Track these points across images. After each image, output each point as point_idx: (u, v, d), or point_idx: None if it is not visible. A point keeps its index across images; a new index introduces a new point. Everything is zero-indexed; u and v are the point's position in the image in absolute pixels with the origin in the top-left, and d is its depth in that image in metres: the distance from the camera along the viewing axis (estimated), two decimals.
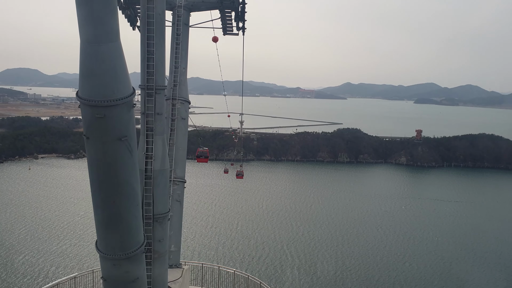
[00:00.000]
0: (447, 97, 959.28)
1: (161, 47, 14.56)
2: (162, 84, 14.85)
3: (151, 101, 14.54)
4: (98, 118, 9.15)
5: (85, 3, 8.45)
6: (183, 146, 20.36)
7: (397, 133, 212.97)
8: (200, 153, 35.84)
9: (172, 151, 19.06)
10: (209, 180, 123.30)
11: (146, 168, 14.79)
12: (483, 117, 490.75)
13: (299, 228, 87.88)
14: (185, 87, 20.62)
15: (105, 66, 8.95)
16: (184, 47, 20.32)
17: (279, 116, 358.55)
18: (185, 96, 20.27)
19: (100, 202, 10.41)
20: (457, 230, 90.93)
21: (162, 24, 14.70)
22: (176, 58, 19.66)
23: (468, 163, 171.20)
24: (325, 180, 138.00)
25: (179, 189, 20.23)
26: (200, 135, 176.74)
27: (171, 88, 19.59)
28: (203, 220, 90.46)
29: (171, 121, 19.37)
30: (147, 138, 14.78)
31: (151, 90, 14.47)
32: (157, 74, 14.48)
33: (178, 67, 19.74)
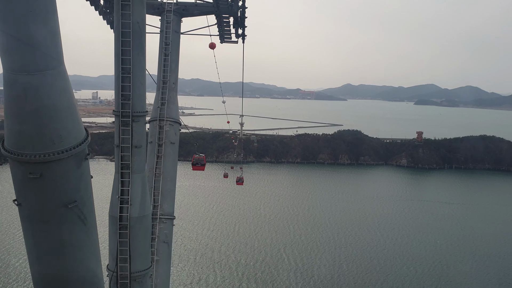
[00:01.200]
0: (447, 98, 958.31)
1: (139, 64, 12.02)
2: (142, 109, 12.24)
3: (127, 131, 11.94)
4: (32, 178, 6.98)
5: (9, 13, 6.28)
6: (172, 175, 17.35)
7: (397, 134, 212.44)
8: (196, 160, 33.24)
9: (158, 183, 16.38)
10: (208, 182, 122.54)
11: (121, 215, 12.16)
12: (484, 118, 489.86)
13: (297, 231, 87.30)
14: (175, 105, 17.90)
15: (40, 103, 6.67)
16: (174, 58, 17.65)
17: (279, 118, 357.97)
18: (174, 117, 17.52)
19: None
20: (458, 233, 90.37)
21: (142, 35, 12.05)
22: (164, 72, 17.20)
23: (469, 165, 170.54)
24: (325, 182, 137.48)
25: (166, 228, 16.85)
26: (196, 139, 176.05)
27: (158, 108, 17.10)
28: (201, 223, 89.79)
29: (158, 146, 16.75)
30: (123, 177, 12.17)
31: (127, 118, 11.86)
32: (135, 97, 11.92)
33: (166, 82, 17.17)
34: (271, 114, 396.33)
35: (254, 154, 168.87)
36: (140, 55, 11.95)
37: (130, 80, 11.78)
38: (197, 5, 18.37)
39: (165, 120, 17.01)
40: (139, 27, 11.82)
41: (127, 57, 11.62)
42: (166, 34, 17.20)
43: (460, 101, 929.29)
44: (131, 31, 11.50)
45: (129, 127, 11.97)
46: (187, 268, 67.99)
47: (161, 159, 16.77)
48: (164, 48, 17.19)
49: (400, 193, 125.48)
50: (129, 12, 11.37)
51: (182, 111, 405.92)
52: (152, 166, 16.49)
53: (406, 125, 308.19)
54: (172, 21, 17.15)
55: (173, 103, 17.72)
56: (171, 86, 17.47)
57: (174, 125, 17.49)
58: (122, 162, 12.15)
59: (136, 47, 11.74)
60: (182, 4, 18.05)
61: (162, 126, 16.92)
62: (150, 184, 16.11)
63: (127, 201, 12.21)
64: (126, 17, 11.41)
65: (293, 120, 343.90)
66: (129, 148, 12.03)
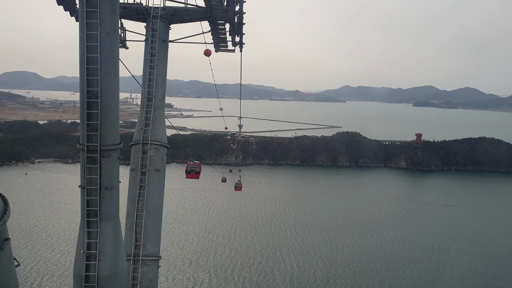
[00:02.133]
0: (445, 100, 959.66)
1: (111, 85, 10.09)
2: (113, 141, 10.32)
3: (95, 170, 10.06)
4: None
5: None
6: (158, 209, 14.60)
7: (396, 136, 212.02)
8: (190, 167, 31.06)
9: (141, 218, 13.80)
10: (206, 185, 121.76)
11: (88, 275, 10.16)
12: (482, 120, 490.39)
13: (295, 234, 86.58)
14: (162, 126, 15.13)
15: None
16: (161, 71, 15.03)
17: (278, 120, 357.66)
18: (161, 139, 14.83)
19: None
20: (458, 236, 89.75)
21: (113, 49, 10.10)
22: (149, 87, 14.63)
23: (468, 167, 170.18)
24: (324, 185, 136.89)
25: (150, 271, 14.00)
26: (194, 142, 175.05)
27: (142, 129, 14.45)
28: (198, 226, 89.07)
29: (141, 174, 14.12)
30: (89, 227, 10.21)
31: (94, 154, 10.02)
32: (104, 127, 10.02)
33: (152, 99, 14.63)
34: (270, 116, 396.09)
35: (253, 156, 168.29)
36: (111, 74, 10.12)
37: (98, 106, 9.96)
38: (188, 10, 15.70)
39: (149, 143, 14.42)
40: (110, 40, 9.93)
41: (94, 78, 9.83)
42: (152, 43, 14.81)
43: (458, 102, 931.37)
44: (98, 45, 9.73)
45: (97, 165, 10.12)
46: (184, 271, 67.27)
47: (145, 190, 14.05)
48: (149, 60, 14.78)
49: (399, 195, 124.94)
50: (96, 21, 9.61)
51: (181, 113, 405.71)
52: (134, 198, 14.06)
53: (405, 127, 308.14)
54: (159, 28, 14.89)
55: (159, 123, 15.01)
56: (157, 103, 14.89)
57: (160, 149, 14.77)
58: (89, 208, 10.20)
59: (106, 64, 9.96)
60: (171, 9, 15.51)
61: (146, 151, 14.29)
62: (131, 220, 13.87)
63: (95, 256, 10.19)
64: (93, 27, 9.63)
65: (291, 122, 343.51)
66: (97, 191, 10.18)
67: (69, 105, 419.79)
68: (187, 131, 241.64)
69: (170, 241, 79.09)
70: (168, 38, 15.66)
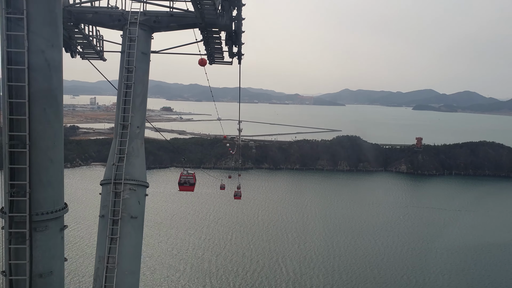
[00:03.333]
0: (445, 103, 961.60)
1: (49, 126, 8.04)
2: (54, 206, 8.27)
3: (23, 252, 7.79)
4: None
5: None
6: (133, 268, 11.32)
7: (397, 140, 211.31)
8: (184, 179, 27.68)
9: (111, 281, 10.45)
10: (203, 189, 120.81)
11: None
12: (482, 123, 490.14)
13: (295, 240, 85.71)
14: (140, 160, 11.98)
15: None
16: (140, 91, 12.06)
17: (277, 123, 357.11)
18: (138, 177, 11.67)
19: None
20: (459, 241, 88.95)
21: (54, 76, 8.08)
22: (124, 112, 11.68)
23: (469, 171, 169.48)
24: (324, 189, 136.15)
25: None
26: (194, 146, 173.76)
27: (114, 165, 11.32)
28: (195, 231, 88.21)
29: (112, 223, 10.93)
30: None
31: (21, 228, 7.73)
32: (38, 187, 7.85)
33: (127, 126, 11.64)
34: (270, 119, 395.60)
35: (253, 161, 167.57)
36: (47, 110, 8.05)
37: (25, 158, 7.71)
38: (174, 16, 12.81)
39: (123, 183, 11.22)
40: (46, 60, 7.81)
41: (21, 117, 7.64)
42: (129, 56, 11.89)
43: (458, 106, 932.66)
44: (26, 68, 7.59)
45: (25, 244, 7.80)
46: (181, 279, 66.44)
47: (117, 243, 10.82)
48: (125, 77, 11.81)
49: (400, 200, 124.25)
50: (23, 35, 7.47)
51: (180, 116, 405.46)
52: (103, 253, 10.77)
53: (405, 131, 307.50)
54: (138, 38, 12.08)
55: (137, 156, 11.85)
56: (133, 131, 11.83)
57: (137, 189, 11.56)
58: None
59: (40, 96, 7.89)
60: (153, 14, 12.63)
61: (119, 193, 11.15)
62: (99, 283, 10.61)
63: None
64: (18, 42, 7.48)
65: (291, 125, 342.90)
66: (26, 281, 7.87)
67: (68, 109, 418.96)
68: (186, 134, 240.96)
69: (163, 249, 78.23)
70: (149, 50, 12.74)
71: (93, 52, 15.05)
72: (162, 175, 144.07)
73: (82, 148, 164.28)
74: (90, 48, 14.70)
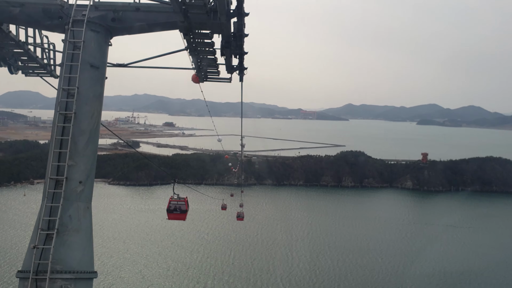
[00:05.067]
0: (449, 118, 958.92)
1: None
2: None
3: None
4: None
5: None
6: None
7: (401, 155, 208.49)
8: (173, 205, 22.59)
9: None
10: (203, 206, 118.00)
11: None
12: (488, 138, 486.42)
13: (297, 258, 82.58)
14: (84, 236, 7.90)
15: None
16: (86, 124, 8.24)
17: (281, 138, 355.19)
18: (77, 265, 7.54)
19: None
20: (467, 259, 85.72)
21: None
22: (59, 159, 7.75)
23: (476, 187, 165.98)
24: (329, 206, 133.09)
25: None
26: (196, 161, 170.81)
27: (35, 248, 7.30)
28: (195, 249, 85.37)
29: None
30: None
31: None
32: None
33: (62, 182, 7.72)
34: (273, 134, 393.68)
35: (256, 177, 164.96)
36: None
37: None
38: (141, 10, 8.72)
39: (48, 277, 7.11)
40: None
41: None
42: (71, 72, 8.04)
43: (462, 121, 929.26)
44: None
45: None
46: None
47: None
48: (62, 104, 7.96)
49: (407, 217, 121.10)
50: None
51: (183, 132, 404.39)
52: None
53: (410, 146, 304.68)
54: (86, 43, 8.15)
55: (77, 230, 7.78)
56: (73, 190, 7.81)
57: (76, 285, 7.44)
58: None
59: None
60: (109, 8, 8.62)
61: None
62: None
63: None
64: None
65: (295, 140, 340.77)
66: None
67: None
68: (188, 150, 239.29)
69: (160, 268, 75.48)
70: (104, 61, 8.74)
71: (37, 66, 11.37)
72: (163, 191, 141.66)
73: None
74: (31, 60, 10.96)
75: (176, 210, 22.76)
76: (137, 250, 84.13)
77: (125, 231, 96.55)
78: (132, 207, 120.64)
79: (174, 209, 22.84)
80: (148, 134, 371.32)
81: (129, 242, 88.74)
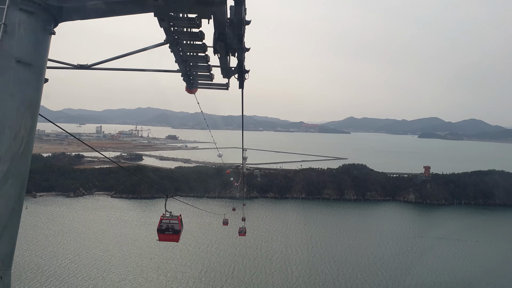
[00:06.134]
0: (451, 131, 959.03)
1: None
2: None
3: None
4: None
5: None
6: None
7: (404, 168, 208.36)
8: (165, 224, 19.61)
9: None
10: (204, 219, 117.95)
11: None
12: (489, 152, 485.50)
13: (297, 273, 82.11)
14: None
15: None
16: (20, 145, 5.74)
17: (283, 151, 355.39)
18: None
19: None
20: (470, 273, 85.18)
21: None
22: None
23: (479, 200, 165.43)
24: (331, 220, 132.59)
25: None
26: (198, 175, 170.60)
27: None
28: (194, 264, 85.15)
29: None
30: None
31: None
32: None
33: None
34: (275, 147, 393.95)
35: (258, 190, 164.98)
36: None
37: None
38: None
39: None
40: None
41: None
42: None
43: (464, 134, 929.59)
44: None
45: None
46: None
47: None
48: None
49: (410, 231, 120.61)
50: None
51: (185, 145, 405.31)
52: None
53: (412, 159, 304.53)
54: (10, 29, 5.25)
55: None
56: None
57: None
58: None
59: None
60: None
61: None
62: None
63: None
64: None
65: (297, 153, 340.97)
66: None
67: (74, 137, 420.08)
68: (191, 163, 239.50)
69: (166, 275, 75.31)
70: (43, 55, 6.16)
71: None
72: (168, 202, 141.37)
73: (86, 177, 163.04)
74: None
75: (168, 230, 19.56)
76: (135, 264, 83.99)
77: (122, 243, 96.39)
78: (130, 220, 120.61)
79: (165, 228, 19.65)
80: (151, 147, 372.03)
81: (126, 256, 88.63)
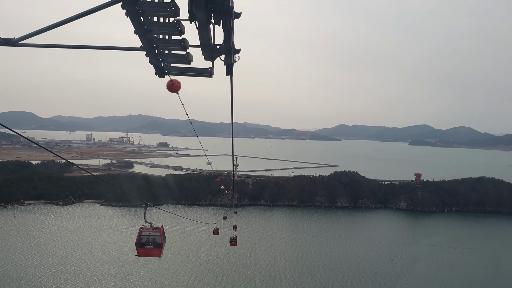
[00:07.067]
0: (441, 138, 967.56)
1: None
2: None
3: None
4: None
5: None
6: None
7: (395, 176, 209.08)
8: (145, 237, 17.33)
9: None
10: (194, 227, 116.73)
11: None
12: (479, 159, 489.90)
13: (289, 281, 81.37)
14: None
15: None
16: None
17: (274, 158, 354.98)
18: None
19: None
20: (462, 280, 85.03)
21: None
22: None
23: (469, 207, 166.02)
24: (322, 227, 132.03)
25: None
26: (190, 182, 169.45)
27: None
28: (183, 273, 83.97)
29: None
30: None
31: None
32: None
33: None
34: (266, 154, 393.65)
35: (249, 197, 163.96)
36: None
37: None
38: None
39: None
40: None
41: None
42: None
43: (454, 141, 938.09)
44: None
45: None
46: None
47: None
48: None
49: (401, 238, 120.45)
50: None
51: (177, 152, 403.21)
52: None
53: (403, 166, 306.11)
54: None
55: None
56: None
57: None
58: None
59: None
60: None
61: None
62: None
63: None
64: None
65: (288, 160, 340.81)
66: None
67: (64, 144, 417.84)
68: (182, 170, 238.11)
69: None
70: None
71: None
72: (155, 212, 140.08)
73: (75, 185, 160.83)
74: None
75: (149, 243, 17.13)
76: (124, 273, 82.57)
77: (110, 252, 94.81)
78: (120, 228, 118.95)
79: (145, 242, 17.15)
80: (142, 154, 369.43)
81: (115, 265, 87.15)
